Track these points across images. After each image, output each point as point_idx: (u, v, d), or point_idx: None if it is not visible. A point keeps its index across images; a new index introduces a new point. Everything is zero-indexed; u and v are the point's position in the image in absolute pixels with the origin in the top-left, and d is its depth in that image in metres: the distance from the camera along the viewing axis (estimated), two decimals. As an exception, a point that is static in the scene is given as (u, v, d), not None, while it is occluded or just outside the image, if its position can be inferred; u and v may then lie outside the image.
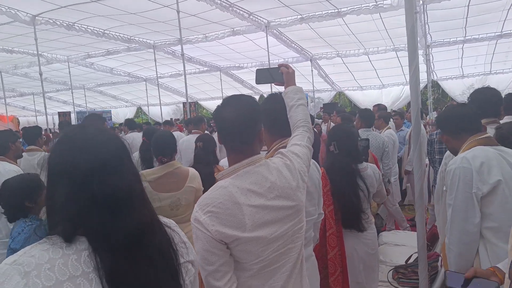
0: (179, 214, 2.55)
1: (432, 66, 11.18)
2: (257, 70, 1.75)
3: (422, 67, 9.43)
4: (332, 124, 6.70)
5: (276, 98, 1.83)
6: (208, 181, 2.35)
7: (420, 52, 9.25)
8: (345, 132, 2.63)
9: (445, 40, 9.73)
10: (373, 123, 4.84)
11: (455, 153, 2.08)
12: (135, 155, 5.07)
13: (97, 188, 0.84)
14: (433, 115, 9.35)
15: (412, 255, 3.30)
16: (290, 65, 1.73)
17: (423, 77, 9.98)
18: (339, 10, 7.76)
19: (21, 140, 3.41)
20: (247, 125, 1.36)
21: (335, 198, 2.49)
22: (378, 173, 2.71)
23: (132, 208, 0.88)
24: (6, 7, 6.77)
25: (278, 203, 1.34)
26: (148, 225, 0.92)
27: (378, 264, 2.84)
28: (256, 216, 1.28)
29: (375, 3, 7.31)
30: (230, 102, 1.40)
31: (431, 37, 9.59)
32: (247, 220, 1.26)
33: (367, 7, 7.35)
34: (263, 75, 1.75)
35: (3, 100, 13.48)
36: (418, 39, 7.74)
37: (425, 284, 2.47)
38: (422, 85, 10.81)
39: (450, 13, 7.99)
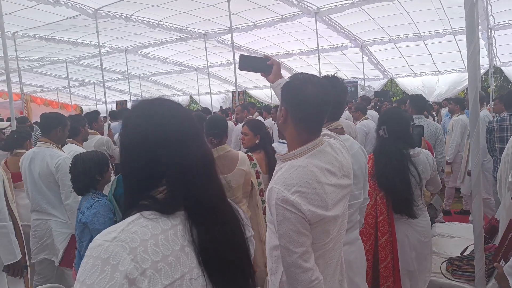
0: (229, 196, 2.64)
1: (495, 51, 10.36)
2: (241, 55, 1.70)
3: (483, 52, 8.78)
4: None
5: (334, 80, 1.87)
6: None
7: (482, 35, 8.60)
8: (395, 116, 2.55)
9: (509, 21, 8.97)
10: (425, 109, 4.62)
11: None
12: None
13: (188, 154, 0.88)
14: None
15: (468, 247, 3.15)
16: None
17: (484, 62, 9.29)
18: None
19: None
20: (329, 105, 1.34)
21: (381, 183, 2.45)
22: (432, 159, 2.60)
23: (215, 177, 0.94)
24: (72, 2, 7.31)
25: (344, 181, 1.37)
26: (224, 196, 0.97)
27: (431, 253, 2.76)
28: (333, 195, 1.30)
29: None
30: (311, 80, 1.32)
31: (493, 19, 8.89)
32: (328, 199, 1.27)
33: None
34: (248, 62, 1.72)
35: (68, 90, 14.55)
36: (480, 21, 7.22)
37: (481, 276, 2.36)
38: (482, 71, 10.08)
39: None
